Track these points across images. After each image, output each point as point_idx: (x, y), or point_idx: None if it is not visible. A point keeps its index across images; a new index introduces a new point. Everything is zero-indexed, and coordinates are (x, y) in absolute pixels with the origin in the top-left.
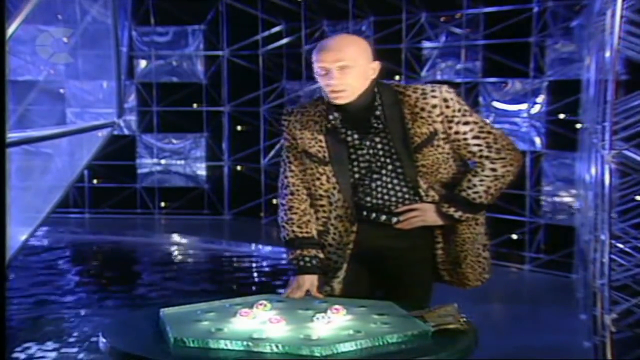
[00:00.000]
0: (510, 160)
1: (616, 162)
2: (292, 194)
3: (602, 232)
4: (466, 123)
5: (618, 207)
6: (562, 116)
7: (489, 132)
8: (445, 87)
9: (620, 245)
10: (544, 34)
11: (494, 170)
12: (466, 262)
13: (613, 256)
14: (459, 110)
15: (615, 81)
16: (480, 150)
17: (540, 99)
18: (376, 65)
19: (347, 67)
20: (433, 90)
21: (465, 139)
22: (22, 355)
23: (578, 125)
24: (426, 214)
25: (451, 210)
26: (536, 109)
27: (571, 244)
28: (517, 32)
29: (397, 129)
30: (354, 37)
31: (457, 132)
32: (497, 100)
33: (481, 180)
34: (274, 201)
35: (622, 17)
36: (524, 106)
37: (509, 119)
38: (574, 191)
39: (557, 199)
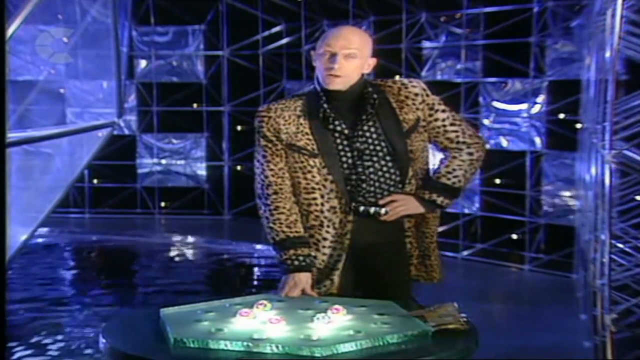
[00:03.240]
0: (482, 146)
1: (616, 162)
2: (275, 193)
3: (602, 232)
4: (443, 111)
5: (618, 207)
6: (562, 116)
7: (460, 121)
8: (418, 80)
9: (620, 245)
10: (544, 34)
11: (470, 154)
12: (434, 254)
13: (613, 256)
14: (436, 100)
15: (615, 81)
16: (457, 137)
17: (540, 99)
18: (372, 62)
19: (351, 56)
20: (411, 82)
21: (444, 126)
22: (22, 355)
23: (578, 125)
24: (408, 204)
25: (434, 196)
26: (536, 109)
27: (571, 244)
28: (517, 32)
29: (388, 116)
30: (362, 30)
31: (436, 119)
32: (497, 100)
33: (459, 165)
34: None
35: (622, 17)
36: (524, 106)
37: (509, 119)
38: (574, 191)
39: (557, 199)
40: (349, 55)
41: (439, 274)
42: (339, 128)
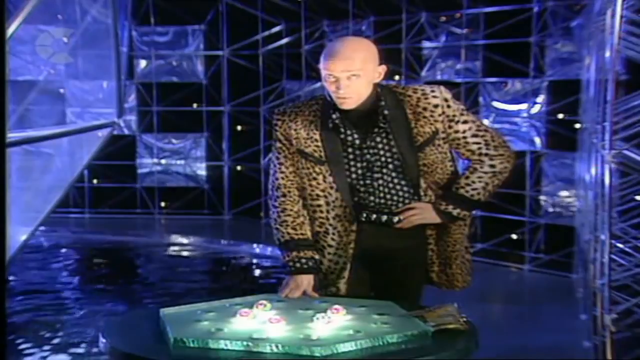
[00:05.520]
0: (507, 157)
1: (616, 162)
2: (284, 195)
3: (602, 232)
4: (465, 122)
5: (618, 207)
6: (561, 116)
7: (485, 131)
8: (443, 88)
9: (620, 245)
10: (544, 34)
11: (492, 167)
12: (456, 263)
13: (613, 256)
14: (458, 110)
15: (615, 81)
16: (479, 148)
17: (540, 99)
18: (382, 69)
19: (355, 77)
20: (433, 91)
21: (464, 137)
22: (21, 355)
23: (578, 125)
24: (425, 213)
25: (450, 208)
26: (536, 109)
27: (571, 244)
28: (517, 32)
29: (401, 129)
30: (364, 42)
31: (456, 131)
32: (497, 100)
33: (480, 177)
34: None
35: (622, 17)
36: (524, 106)
37: (509, 119)
38: (574, 191)
39: (557, 199)
40: (351, 77)
41: (462, 282)
42: (349, 138)
